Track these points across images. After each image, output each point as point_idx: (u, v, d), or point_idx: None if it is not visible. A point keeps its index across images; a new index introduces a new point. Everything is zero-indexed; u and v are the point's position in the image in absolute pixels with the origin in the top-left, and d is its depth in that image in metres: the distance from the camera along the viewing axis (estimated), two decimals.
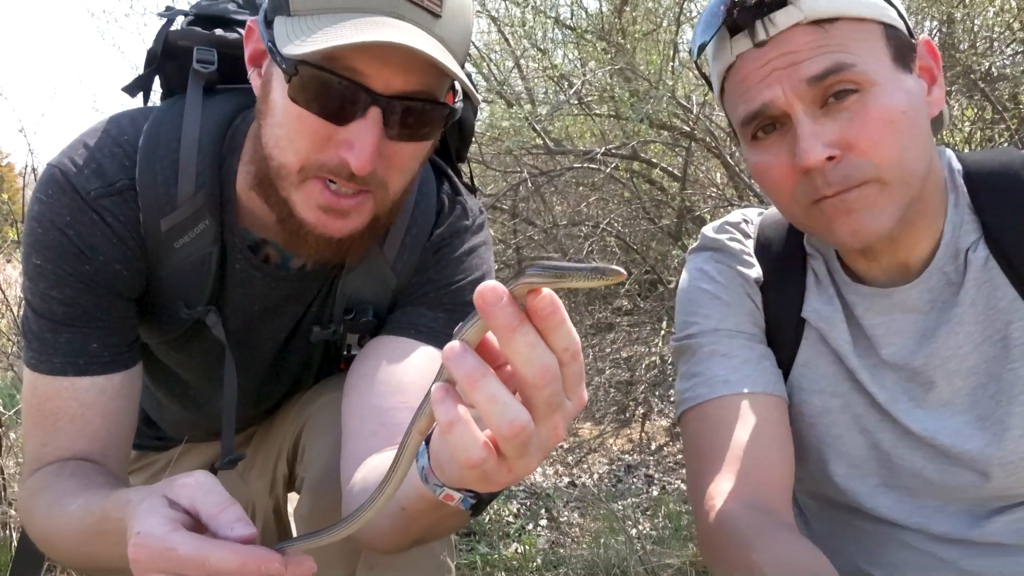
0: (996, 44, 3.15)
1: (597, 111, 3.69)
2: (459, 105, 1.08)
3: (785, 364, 1.17)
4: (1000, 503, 1.08)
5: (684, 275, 1.24)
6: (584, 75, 3.55)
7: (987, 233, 1.05)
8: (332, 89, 0.96)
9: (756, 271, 1.19)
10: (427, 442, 0.76)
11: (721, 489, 1.05)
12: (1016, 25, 3.05)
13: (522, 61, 3.95)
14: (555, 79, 3.76)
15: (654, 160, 3.85)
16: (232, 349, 1.21)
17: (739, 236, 1.22)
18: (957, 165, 1.10)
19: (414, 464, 0.76)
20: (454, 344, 0.58)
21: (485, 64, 4.02)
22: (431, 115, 1.03)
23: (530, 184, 3.76)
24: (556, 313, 0.57)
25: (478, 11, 4.00)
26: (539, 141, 3.65)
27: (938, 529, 1.10)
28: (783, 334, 1.17)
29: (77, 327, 1.10)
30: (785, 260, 1.18)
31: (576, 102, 3.56)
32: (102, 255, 1.09)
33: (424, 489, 0.74)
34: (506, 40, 3.88)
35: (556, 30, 3.82)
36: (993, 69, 3.11)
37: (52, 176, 1.08)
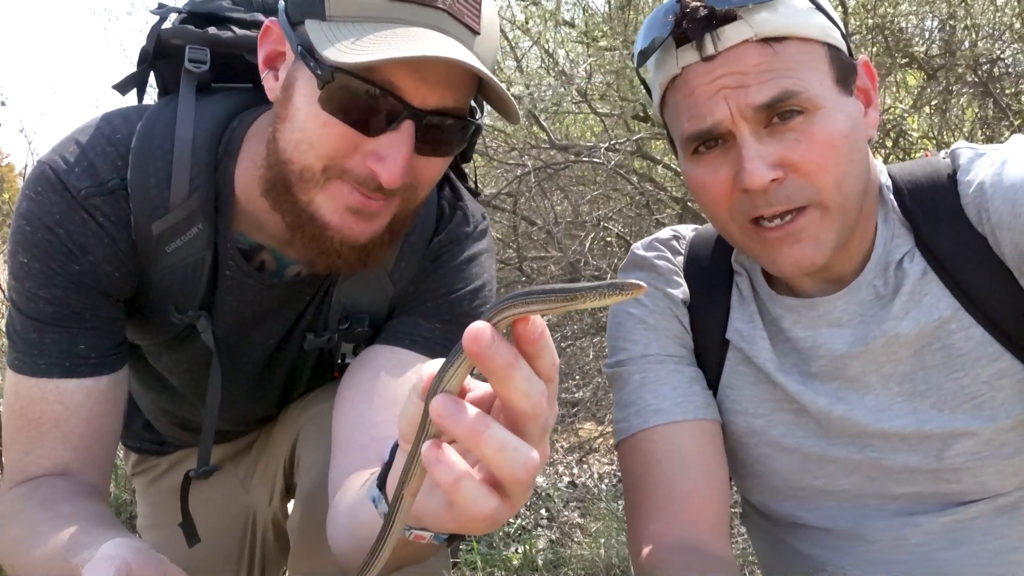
0: (998, 44, 3.14)
1: (600, 109, 3.68)
2: (482, 121, 1.07)
3: (712, 384, 1.17)
4: (939, 502, 1.06)
5: None
6: (588, 63, 3.53)
7: (921, 244, 1.04)
8: (368, 100, 0.94)
9: (683, 291, 1.18)
10: (380, 487, 0.74)
11: (651, 530, 1.05)
12: (1017, 24, 3.03)
13: (523, 61, 3.93)
14: (557, 75, 3.75)
15: (657, 156, 3.84)
16: (221, 355, 1.19)
17: (668, 254, 1.21)
18: (886, 180, 1.10)
19: (375, 508, 0.74)
20: (442, 400, 0.55)
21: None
22: (460, 131, 1.02)
23: (533, 179, 3.75)
24: (544, 334, 0.55)
25: None
26: (543, 136, 3.64)
27: (872, 527, 1.09)
28: (709, 354, 1.17)
29: (64, 327, 1.07)
30: (711, 279, 1.18)
31: (577, 94, 3.53)
32: (92, 255, 1.06)
33: None
34: (505, 37, 3.86)
35: (559, 29, 3.80)
36: (995, 68, 3.10)
37: (42, 173, 1.05)
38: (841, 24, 1.04)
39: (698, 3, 0.97)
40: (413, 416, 0.61)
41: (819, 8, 0.99)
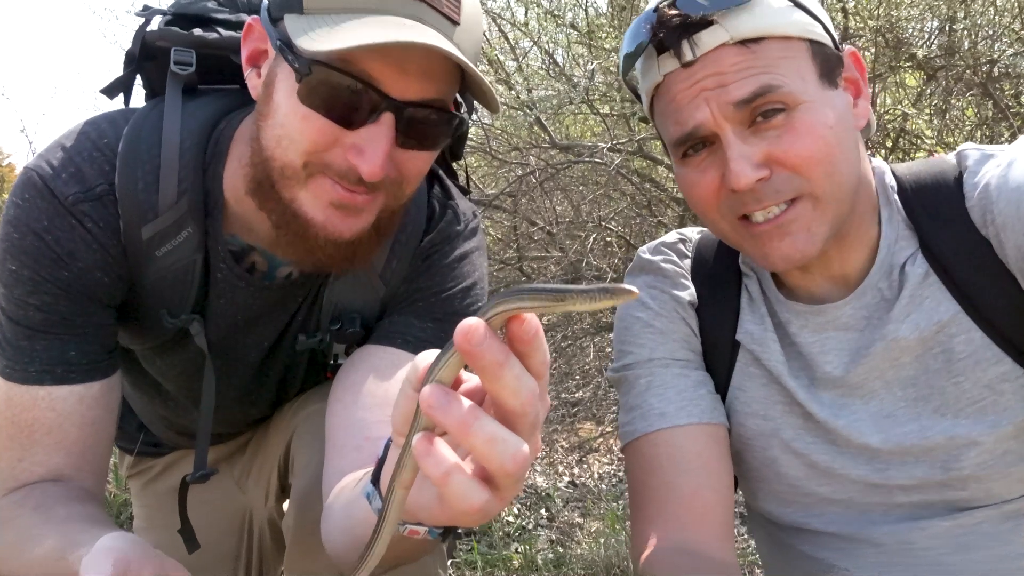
0: (998, 45, 3.13)
1: (600, 110, 3.68)
2: (466, 115, 1.06)
3: (722, 387, 1.16)
4: (945, 507, 1.06)
5: None
6: (592, 63, 3.53)
7: (925, 246, 1.04)
8: (346, 92, 0.93)
9: (690, 293, 1.18)
10: (374, 482, 0.74)
11: (652, 533, 1.05)
12: (1017, 24, 3.03)
13: (523, 62, 3.93)
14: (557, 77, 3.75)
15: (658, 156, 3.85)
16: (215, 358, 1.18)
17: (674, 257, 1.21)
18: (891, 180, 1.09)
19: (369, 505, 0.74)
20: (433, 390, 0.54)
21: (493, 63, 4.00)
22: (443, 124, 1.01)
23: (534, 179, 3.75)
24: (538, 333, 0.55)
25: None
26: (545, 136, 3.64)
27: (877, 532, 1.08)
28: (718, 356, 1.16)
29: (55, 334, 1.06)
30: (719, 281, 1.17)
31: (579, 98, 3.54)
32: (81, 261, 1.05)
33: None
34: (506, 38, 3.86)
35: (559, 30, 3.80)
36: (995, 69, 3.10)
37: (29, 179, 1.05)
38: (825, 17, 1.03)
39: (673, 11, 0.98)
40: (406, 408, 0.61)
41: (798, 5, 0.99)
